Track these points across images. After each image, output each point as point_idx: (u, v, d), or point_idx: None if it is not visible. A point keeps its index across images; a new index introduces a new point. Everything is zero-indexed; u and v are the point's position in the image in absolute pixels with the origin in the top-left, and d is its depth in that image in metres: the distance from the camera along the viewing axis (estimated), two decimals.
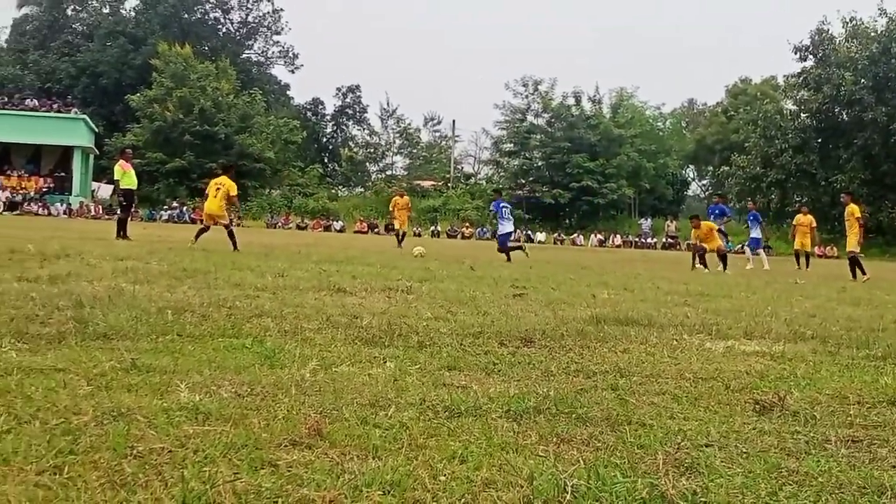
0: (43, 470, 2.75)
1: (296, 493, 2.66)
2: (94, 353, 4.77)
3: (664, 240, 68.22)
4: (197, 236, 19.38)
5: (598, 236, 67.90)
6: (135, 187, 23.14)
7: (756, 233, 26.77)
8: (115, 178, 23.14)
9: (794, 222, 27.86)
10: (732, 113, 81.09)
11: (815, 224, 26.20)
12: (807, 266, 26.22)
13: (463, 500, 2.70)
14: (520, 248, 23.59)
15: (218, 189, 19.75)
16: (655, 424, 3.82)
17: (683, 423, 3.87)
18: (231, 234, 18.55)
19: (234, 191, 20.02)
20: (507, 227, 22.72)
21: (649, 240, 68.62)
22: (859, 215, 21.27)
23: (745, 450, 3.46)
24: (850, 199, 21.76)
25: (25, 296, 7.13)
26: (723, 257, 22.65)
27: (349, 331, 6.24)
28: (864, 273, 20.38)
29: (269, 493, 2.65)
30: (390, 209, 32.11)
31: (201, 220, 22.67)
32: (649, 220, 74.49)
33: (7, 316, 5.97)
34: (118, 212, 22.96)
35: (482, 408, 3.93)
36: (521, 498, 2.75)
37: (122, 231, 21.59)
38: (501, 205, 23.11)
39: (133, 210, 23.20)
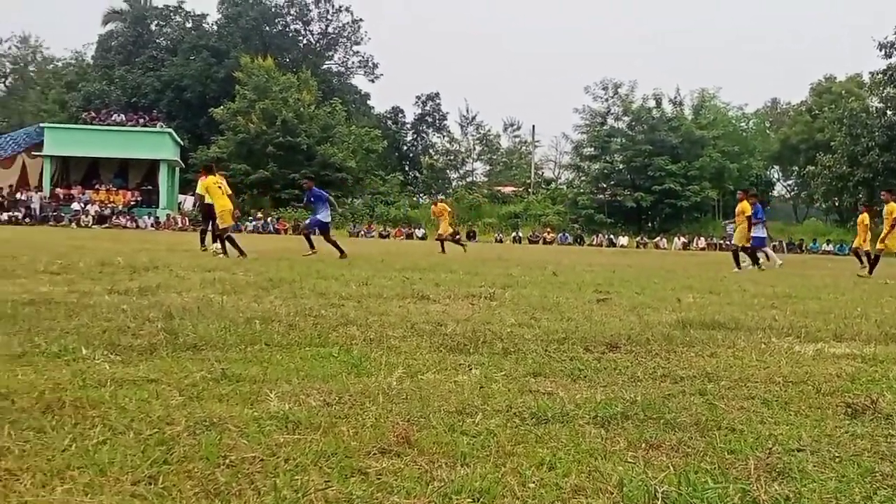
0: (139, 480, 2.80)
1: (386, 501, 2.68)
2: (185, 364, 4.85)
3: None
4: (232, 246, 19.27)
5: (682, 239, 67.11)
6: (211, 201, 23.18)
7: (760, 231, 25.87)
8: (198, 192, 23.37)
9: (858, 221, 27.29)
10: (817, 112, 79.76)
11: (867, 222, 25.51)
12: (867, 266, 25.71)
13: None
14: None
15: (220, 187, 19.87)
16: (745, 429, 3.76)
17: (774, 428, 3.81)
18: (204, 234, 18.58)
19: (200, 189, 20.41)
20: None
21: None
22: None
23: (837, 454, 3.40)
24: (890, 197, 21.30)
25: (116, 308, 7.28)
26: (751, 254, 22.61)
27: (434, 338, 6.26)
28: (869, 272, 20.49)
29: (359, 500, 2.68)
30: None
31: (285, 231, 22.95)
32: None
33: (99, 328, 6.10)
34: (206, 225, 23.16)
35: (569, 414, 3.91)
36: None
37: (203, 241, 21.84)
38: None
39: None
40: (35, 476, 2.81)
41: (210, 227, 22.08)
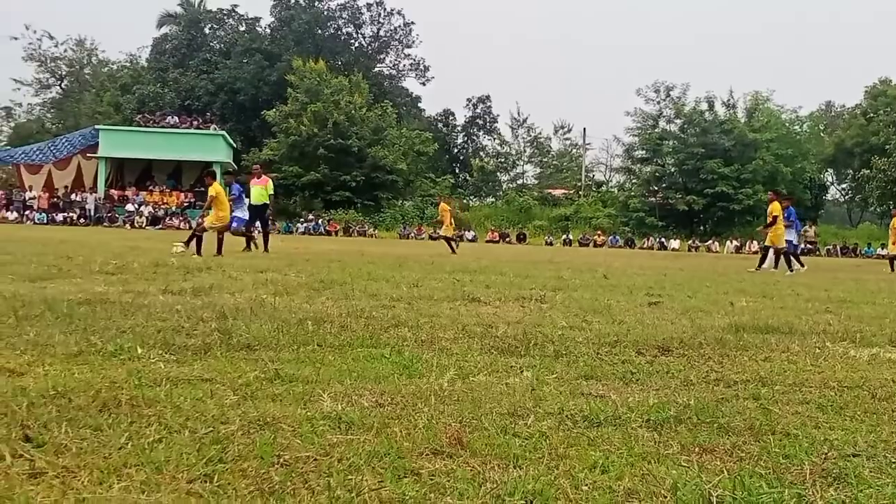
0: (194, 478, 2.84)
1: (439, 502, 2.69)
2: (239, 364, 4.89)
3: (802, 245, 66.40)
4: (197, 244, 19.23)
5: (734, 243, 66.43)
6: (258, 203, 23.29)
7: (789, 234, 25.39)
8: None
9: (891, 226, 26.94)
10: (872, 115, 78.67)
11: None
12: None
13: None
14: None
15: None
16: (800, 434, 3.73)
17: (829, 433, 3.78)
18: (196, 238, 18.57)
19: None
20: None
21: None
22: None
23: (894, 459, 3.36)
24: None
25: (171, 308, 7.37)
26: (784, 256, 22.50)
27: (485, 340, 6.26)
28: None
29: (412, 501, 2.69)
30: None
31: (336, 232, 23.05)
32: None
33: (154, 328, 6.18)
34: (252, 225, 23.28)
35: (622, 417, 3.90)
36: None
37: (250, 242, 22.00)
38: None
39: (256, 226, 23.47)
40: (92, 473, 2.85)
41: (257, 229, 22.29)
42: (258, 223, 23.24)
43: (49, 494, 2.64)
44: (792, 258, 22.55)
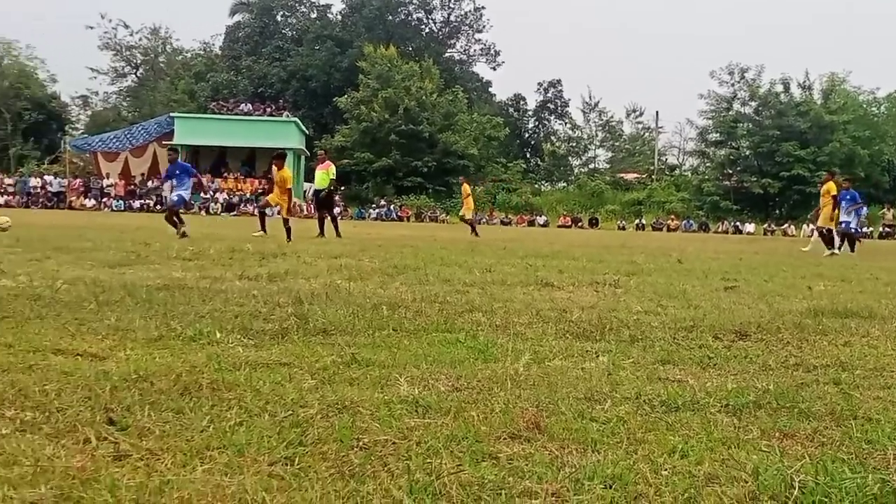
0: (275, 460, 2.87)
1: (518, 486, 2.69)
2: (316, 348, 4.94)
3: (881, 229, 65.20)
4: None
5: (811, 227, 65.39)
6: (321, 188, 23.71)
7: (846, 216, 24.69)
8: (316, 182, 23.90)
9: None
10: None
11: None
12: None
13: (686, 494, 2.67)
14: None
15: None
16: (882, 419, 3.66)
17: None
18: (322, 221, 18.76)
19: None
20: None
21: (865, 229, 65.79)
22: None
23: None
24: None
25: (248, 293, 7.46)
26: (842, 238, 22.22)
27: (559, 325, 6.24)
28: None
29: (491, 484, 2.69)
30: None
31: (408, 218, 23.18)
32: (865, 209, 71.32)
33: (232, 313, 6.26)
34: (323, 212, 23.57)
35: (700, 402, 3.87)
36: (746, 493, 2.69)
37: (325, 229, 22.24)
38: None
39: (319, 209, 23.93)
40: (176, 456, 2.90)
41: (325, 215, 22.53)
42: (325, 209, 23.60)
43: (134, 476, 2.68)
44: (834, 238, 22.37)
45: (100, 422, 3.25)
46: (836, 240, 22.90)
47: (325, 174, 23.24)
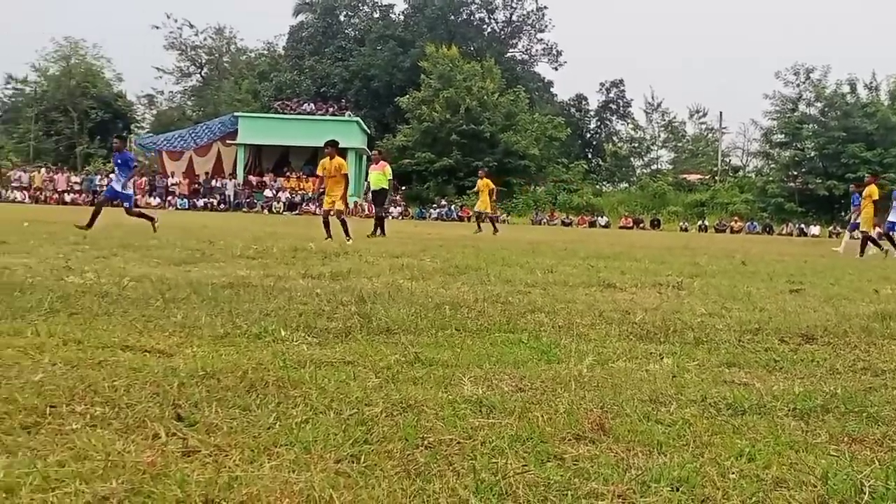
0: (342, 458, 2.89)
1: (584, 487, 2.69)
2: (379, 347, 4.96)
3: None
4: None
5: (878, 229, 64.45)
6: (377, 187, 23.84)
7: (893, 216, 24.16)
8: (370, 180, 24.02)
9: None
10: None
11: None
12: None
13: (754, 498, 2.65)
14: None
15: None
16: None
17: None
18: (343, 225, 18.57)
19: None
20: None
21: None
22: None
23: None
24: None
25: (311, 292, 7.52)
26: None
27: (622, 326, 6.22)
28: None
29: (557, 485, 2.69)
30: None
31: (469, 218, 23.12)
32: None
33: (296, 311, 6.32)
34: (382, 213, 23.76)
35: (767, 406, 3.84)
36: (814, 497, 2.67)
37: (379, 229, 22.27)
38: None
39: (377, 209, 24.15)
40: (243, 452, 2.93)
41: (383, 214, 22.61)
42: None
43: (203, 472, 2.71)
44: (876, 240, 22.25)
45: (168, 417, 3.30)
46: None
47: (381, 175, 23.36)
